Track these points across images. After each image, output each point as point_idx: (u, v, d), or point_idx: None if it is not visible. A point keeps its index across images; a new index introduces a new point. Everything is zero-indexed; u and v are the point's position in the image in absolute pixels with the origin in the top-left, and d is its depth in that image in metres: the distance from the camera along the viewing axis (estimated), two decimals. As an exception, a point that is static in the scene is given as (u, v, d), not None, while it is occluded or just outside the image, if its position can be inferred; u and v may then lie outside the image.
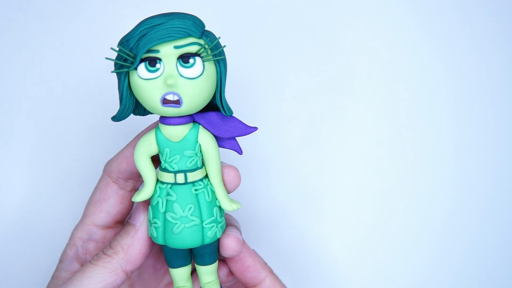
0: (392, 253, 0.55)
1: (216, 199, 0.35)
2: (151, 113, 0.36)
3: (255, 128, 0.35)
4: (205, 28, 0.33)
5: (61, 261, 0.39)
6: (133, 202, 0.40)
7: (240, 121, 0.35)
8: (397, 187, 0.54)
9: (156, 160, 0.35)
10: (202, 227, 0.34)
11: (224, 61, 0.33)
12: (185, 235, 0.34)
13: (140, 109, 0.35)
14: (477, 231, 0.55)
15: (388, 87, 0.53)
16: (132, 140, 0.38)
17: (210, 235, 0.35)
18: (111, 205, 0.39)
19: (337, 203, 0.54)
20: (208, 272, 0.37)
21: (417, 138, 0.54)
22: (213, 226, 0.35)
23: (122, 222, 0.41)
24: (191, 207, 0.34)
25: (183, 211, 0.34)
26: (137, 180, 0.39)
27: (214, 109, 0.35)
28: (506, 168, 0.55)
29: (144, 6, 0.35)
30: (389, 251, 0.55)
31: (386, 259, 0.54)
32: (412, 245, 0.55)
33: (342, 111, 0.53)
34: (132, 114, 0.35)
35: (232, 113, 0.34)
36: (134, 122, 0.40)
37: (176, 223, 0.34)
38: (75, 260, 0.39)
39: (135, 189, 0.40)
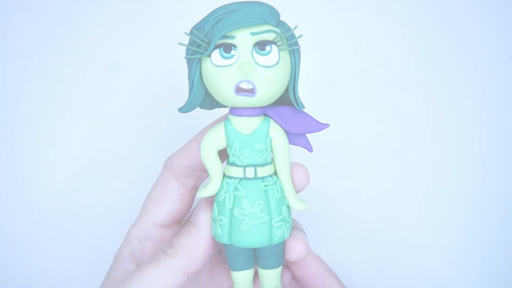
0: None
1: (285, 197, 0.33)
2: (219, 106, 0.35)
3: (327, 125, 0.34)
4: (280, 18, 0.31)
5: (116, 260, 0.38)
6: (193, 201, 0.39)
7: (312, 117, 0.34)
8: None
9: (221, 155, 0.34)
10: (271, 225, 0.32)
11: (299, 51, 0.32)
12: (252, 232, 0.32)
13: (207, 102, 0.34)
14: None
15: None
16: (196, 135, 0.36)
17: (278, 234, 0.33)
18: (171, 202, 0.37)
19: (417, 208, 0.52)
20: (272, 277, 0.35)
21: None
22: (282, 225, 0.33)
23: (181, 221, 0.39)
24: (260, 203, 0.32)
25: (252, 207, 0.32)
26: (199, 176, 0.37)
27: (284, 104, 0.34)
28: None
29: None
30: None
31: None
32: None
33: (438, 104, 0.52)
34: (198, 108, 0.33)
35: (304, 107, 0.33)
36: (197, 118, 0.39)
37: (244, 219, 0.32)
38: (130, 259, 0.37)
39: (196, 187, 0.38)
